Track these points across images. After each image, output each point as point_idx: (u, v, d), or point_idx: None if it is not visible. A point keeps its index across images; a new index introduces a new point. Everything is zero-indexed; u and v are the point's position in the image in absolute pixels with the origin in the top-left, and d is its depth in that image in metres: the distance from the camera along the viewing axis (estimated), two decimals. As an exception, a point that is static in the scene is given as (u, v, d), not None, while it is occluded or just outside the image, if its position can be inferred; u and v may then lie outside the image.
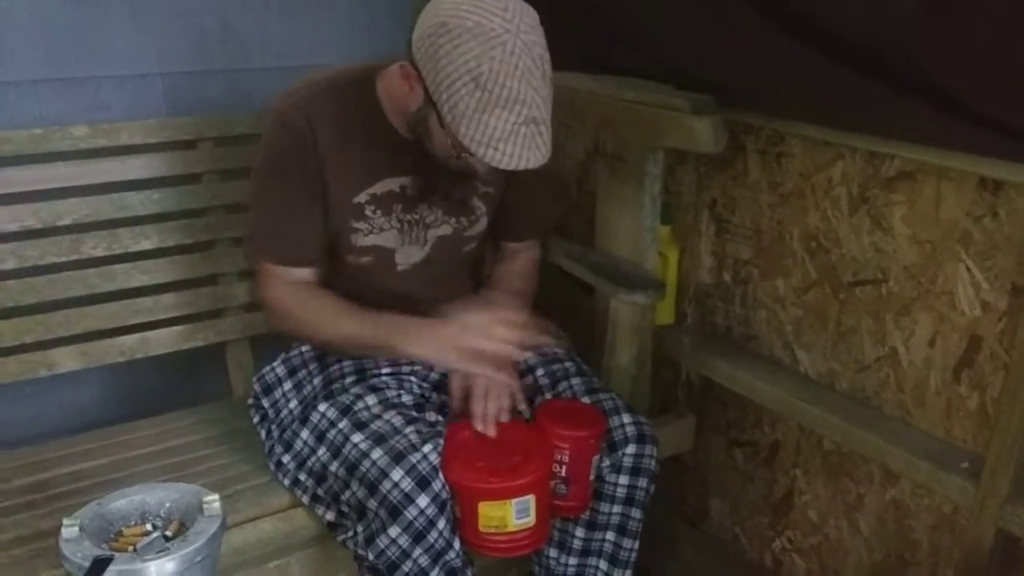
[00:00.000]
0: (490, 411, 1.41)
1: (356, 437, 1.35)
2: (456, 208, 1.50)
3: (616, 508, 1.47)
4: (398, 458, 1.29)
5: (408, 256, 1.50)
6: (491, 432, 1.39)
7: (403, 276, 1.51)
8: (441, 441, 1.34)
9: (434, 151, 1.33)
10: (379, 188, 1.43)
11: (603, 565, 1.51)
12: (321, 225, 1.44)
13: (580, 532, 1.50)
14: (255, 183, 1.46)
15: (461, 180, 1.41)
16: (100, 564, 1.15)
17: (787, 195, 1.62)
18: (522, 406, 1.46)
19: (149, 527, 1.30)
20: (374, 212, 1.44)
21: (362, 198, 1.43)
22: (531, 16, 1.25)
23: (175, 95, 1.81)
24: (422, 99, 1.27)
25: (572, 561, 1.52)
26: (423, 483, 1.27)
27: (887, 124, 1.36)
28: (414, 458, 1.28)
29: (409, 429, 1.34)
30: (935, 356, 1.45)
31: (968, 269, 1.37)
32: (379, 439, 1.33)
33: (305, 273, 1.46)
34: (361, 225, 1.45)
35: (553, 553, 1.53)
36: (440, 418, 1.46)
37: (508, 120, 1.20)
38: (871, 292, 1.52)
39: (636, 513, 1.48)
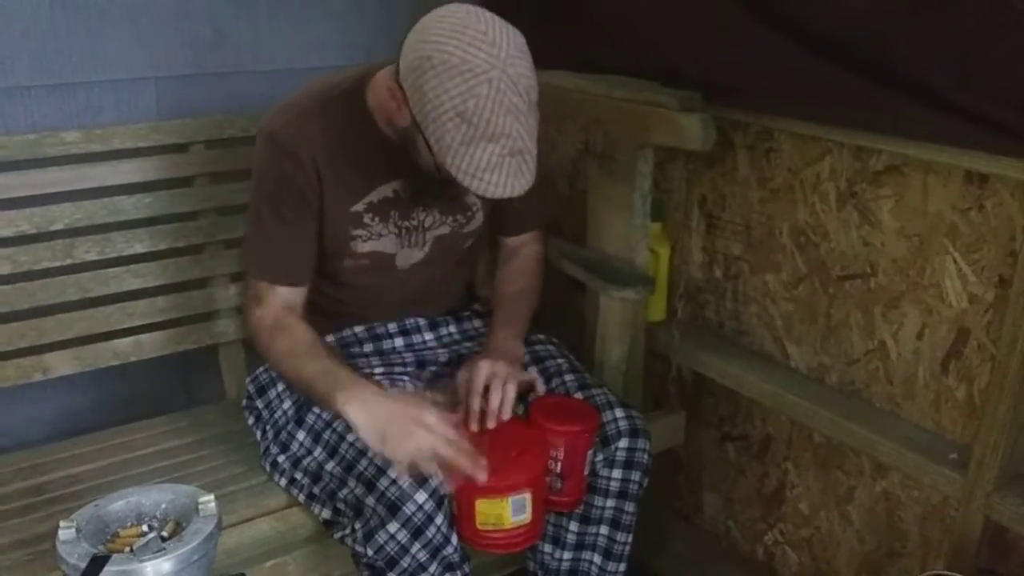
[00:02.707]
0: (492, 404, 1.39)
1: (352, 436, 1.36)
2: (452, 206, 1.51)
3: (610, 502, 1.48)
4: (395, 455, 1.29)
5: (408, 258, 1.51)
6: (491, 424, 1.38)
7: (402, 276, 1.52)
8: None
9: (422, 163, 1.33)
10: (375, 196, 1.44)
11: (597, 559, 1.52)
12: (314, 244, 1.45)
13: (574, 526, 1.51)
14: (251, 204, 1.46)
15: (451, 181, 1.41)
16: (97, 563, 1.16)
17: (776, 191, 1.63)
18: (541, 388, 1.49)
19: (145, 528, 1.30)
20: (372, 219, 1.45)
21: (360, 207, 1.43)
22: (517, 44, 1.24)
23: (167, 99, 1.81)
24: (410, 121, 1.27)
25: (566, 556, 1.53)
26: (421, 479, 1.28)
27: (874, 119, 1.37)
28: (411, 455, 1.29)
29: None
30: (923, 348, 1.46)
31: (955, 262, 1.39)
32: (375, 437, 1.33)
33: (294, 292, 1.45)
34: (360, 232, 1.45)
35: (547, 548, 1.54)
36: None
37: (494, 152, 1.21)
38: (860, 286, 1.53)
39: (629, 507, 1.50)
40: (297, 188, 1.39)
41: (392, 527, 1.27)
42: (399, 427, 1.27)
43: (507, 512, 1.32)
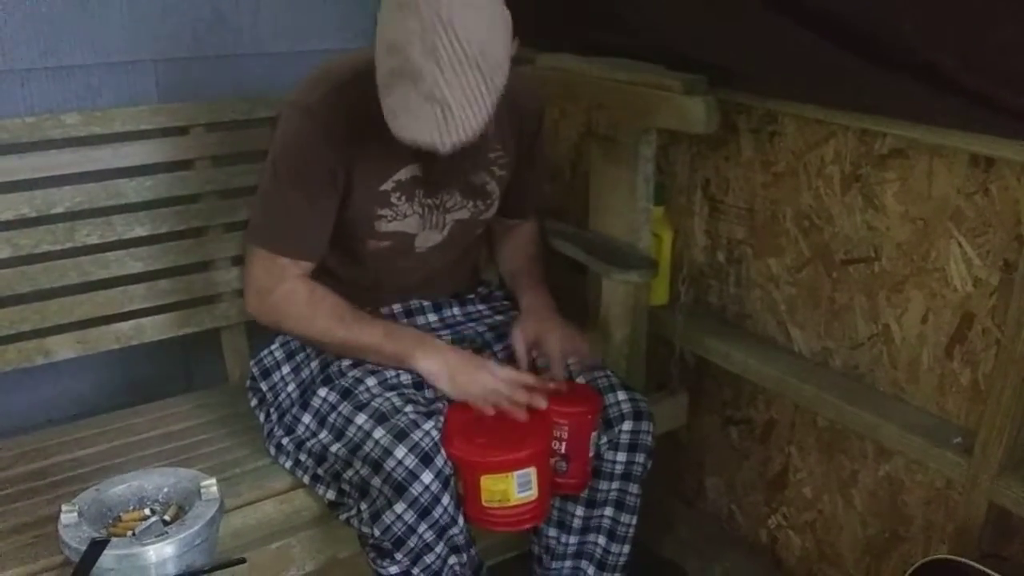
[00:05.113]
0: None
1: (359, 419, 1.35)
2: (474, 192, 1.50)
3: (614, 484, 1.48)
4: (400, 436, 1.29)
5: (426, 240, 1.51)
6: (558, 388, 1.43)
7: (419, 258, 1.52)
8: (442, 418, 1.35)
9: None
10: (404, 174, 1.42)
11: (602, 540, 1.53)
12: (332, 223, 1.43)
13: (580, 511, 1.51)
14: (270, 175, 1.42)
15: (478, 163, 1.39)
16: (96, 547, 1.16)
17: (780, 174, 1.63)
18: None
19: (147, 512, 1.30)
20: (399, 199, 1.44)
21: (388, 185, 1.42)
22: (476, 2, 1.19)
23: (167, 82, 1.80)
24: None
25: (572, 540, 1.53)
26: (426, 459, 1.28)
27: (879, 102, 1.37)
28: (416, 435, 1.29)
29: (408, 407, 1.34)
30: (928, 332, 1.46)
31: (960, 246, 1.38)
32: (381, 418, 1.33)
33: (307, 267, 1.45)
34: (386, 212, 1.44)
35: (553, 532, 1.54)
36: (439, 393, 1.46)
37: (411, 93, 1.18)
38: (864, 270, 1.52)
39: (634, 488, 1.50)
40: (328, 166, 1.37)
41: (399, 507, 1.27)
42: (465, 371, 1.41)
43: (512, 488, 1.32)
